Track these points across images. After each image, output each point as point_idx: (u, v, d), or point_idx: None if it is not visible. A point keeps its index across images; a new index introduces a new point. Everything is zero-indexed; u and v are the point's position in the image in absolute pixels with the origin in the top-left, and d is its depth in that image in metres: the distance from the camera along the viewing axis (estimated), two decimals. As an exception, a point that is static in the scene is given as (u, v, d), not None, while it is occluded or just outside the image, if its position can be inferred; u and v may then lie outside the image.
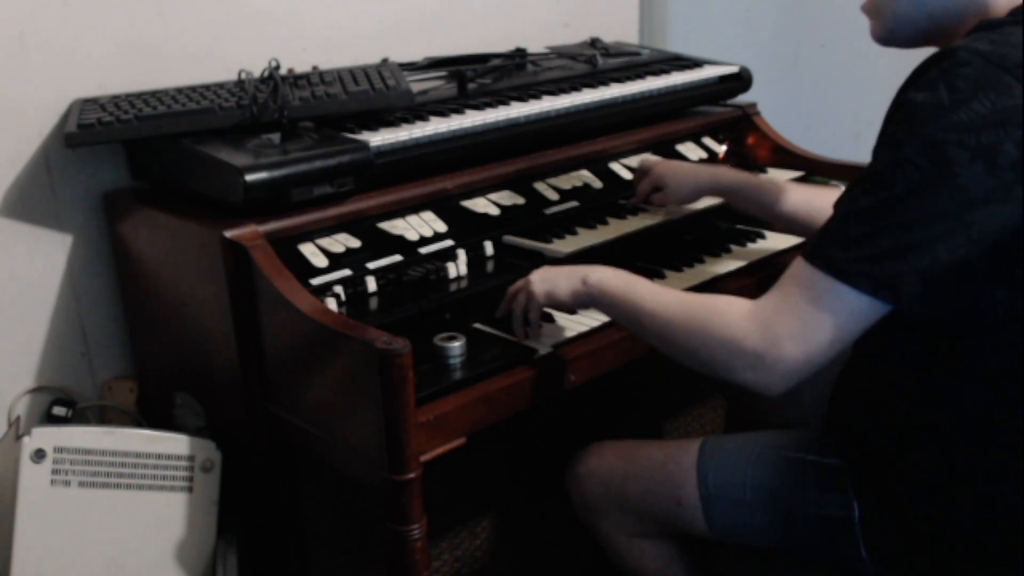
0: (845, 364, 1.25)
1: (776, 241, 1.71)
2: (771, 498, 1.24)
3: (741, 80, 2.04)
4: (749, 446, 1.30)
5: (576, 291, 1.26)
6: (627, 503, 1.37)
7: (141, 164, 1.54)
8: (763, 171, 1.95)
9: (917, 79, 1.00)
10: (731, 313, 1.06)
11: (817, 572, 1.26)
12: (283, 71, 1.52)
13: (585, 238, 1.57)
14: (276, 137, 1.41)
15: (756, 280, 1.64)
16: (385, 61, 1.75)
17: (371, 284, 1.37)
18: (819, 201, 1.47)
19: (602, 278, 1.25)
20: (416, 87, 1.63)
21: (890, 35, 1.15)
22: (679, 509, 1.31)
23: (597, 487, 1.40)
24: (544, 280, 1.29)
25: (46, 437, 1.37)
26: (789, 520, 1.23)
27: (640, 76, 1.92)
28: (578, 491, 1.44)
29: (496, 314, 1.36)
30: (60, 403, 1.57)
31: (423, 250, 1.45)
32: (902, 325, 1.02)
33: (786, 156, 1.98)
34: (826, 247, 1.01)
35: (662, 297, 1.16)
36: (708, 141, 1.95)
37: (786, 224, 1.54)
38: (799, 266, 1.03)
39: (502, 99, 1.69)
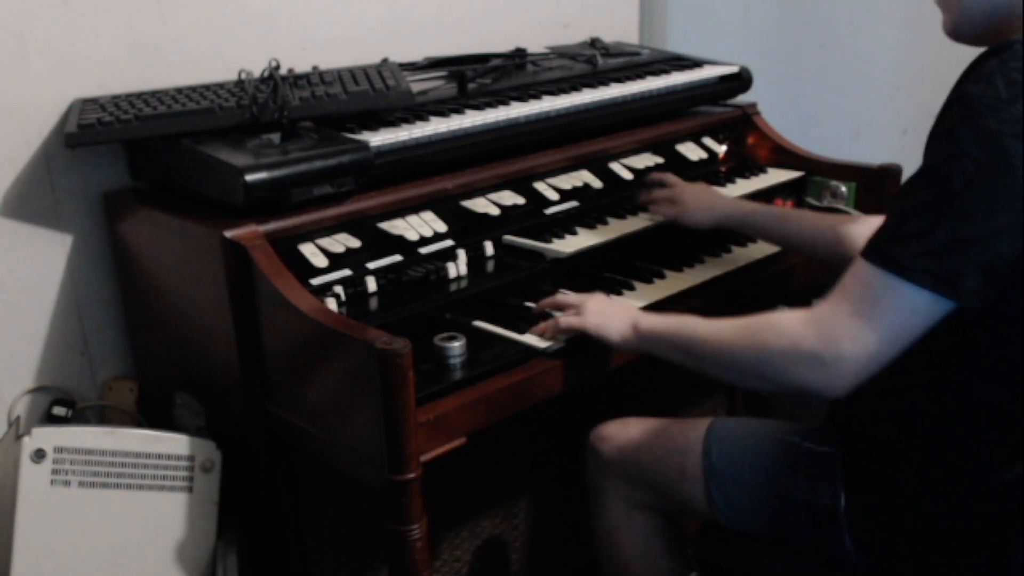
0: None
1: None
2: (766, 480, 1.26)
3: (741, 80, 2.04)
4: (754, 428, 1.33)
5: (626, 337, 1.28)
6: (636, 470, 1.40)
7: (141, 164, 1.54)
8: (763, 171, 1.95)
9: (974, 72, 1.00)
10: (787, 321, 1.06)
11: (803, 562, 1.27)
12: (283, 71, 1.52)
13: (585, 238, 1.57)
14: (276, 137, 1.41)
15: (756, 281, 1.64)
16: (385, 61, 1.75)
17: (371, 284, 1.37)
18: (834, 228, 1.46)
19: (652, 321, 1.27)
20: (416, 87, 1.63)
21: (957, 28, 1.13)
22: (682, 480, 1.33)
23: (613, 452, 1.43)
24: (599, 315, 1.30)
25: (46, 437, 1.37)
26: (779, 503, 1.25)
27: (640, 76, 1.92)
28: (594, 452, 1.47)
29: (536, 307, 1.38)
30: (60, 403, 1.57)
31: (423, 250, 1.45)
32: None
33: (786, 156, 1.98)
34: (885, 244, 1.00)
35: (714, 323, 1.17)
36: (708, 141, 1.96)
37: (803, 250, 1.52)
38: (858, 265, 1.02)
39: (502, 99, 1.69)
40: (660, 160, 1.83)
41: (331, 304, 1.30)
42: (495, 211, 1.53)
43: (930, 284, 0.96)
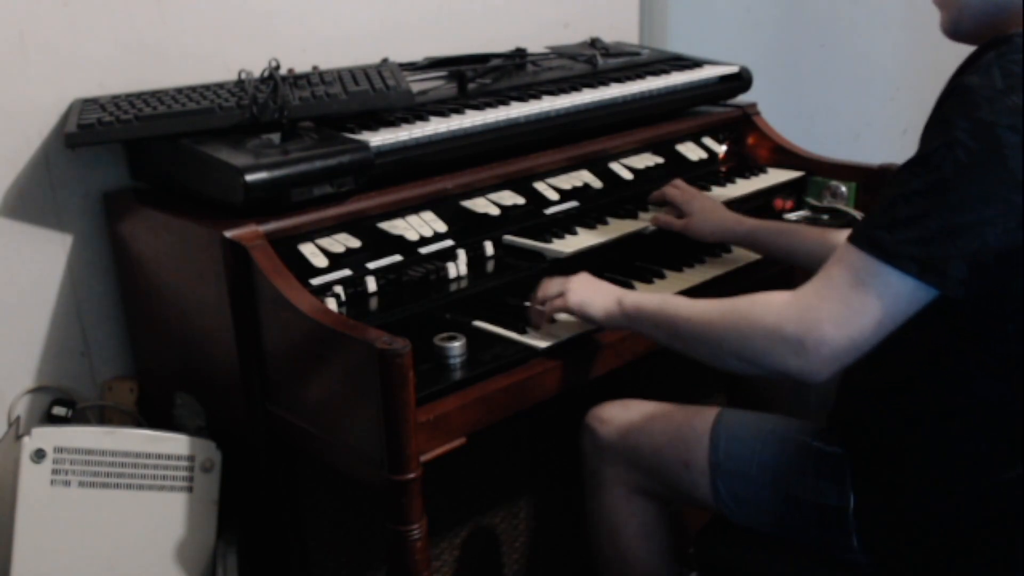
0: None
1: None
2: (774, 478, 1.26)
3: (741, 80, 2.04)
4: (763, 424, 1.32)
5: (610, 312, 1.28)
6: (638, 456, 1.38)
7: (141, 164, 1.54)
8: (763, 171, 1.95)
9: (972, 63, 1.00)
10: (770, 303, 1.06)
11: (808, 562, 1.27)
12: (283, 71, 1.52)
13: (585, 238, 1.57)
14: (276, 137, 1.41)
15: (755, 280, 1.64)
16: (385, 61, 1.75)
17: (371, 284, 1.37)
18: (836, 242, 1.44)
19: (638, 298, 1.27)
20: (416, 87, 1.63)
21: (955, 27, 1.13)
22: (686, 471, 1.32)
23: (613, 435, 1.41)
24: (582, 291, 1.31)
25: (46, 437, 1.37)
26: (787, 502, 1.24)
27: (640, 76, 1.92)
28: (592, 434, 1.44)
29: (528, 305, 1.38)
30: (60, 403, 1.57)
31: (423, 250, 1.45)
32: (925, 310, 1.02)
33: (786, 156, 1.98)
34: (872, 229, 1.00)
35: (698, 303, 1.17)
36: (708, 141, 1.96)
37: (805, 266, 1.49)
38: (843, 250, 1.02)
39: (502, 99, 1.69)
40: (660, 160, 1.83)
41: (331, 304, 1.30)
42: (495, 211, 1.53)
43: (915, 271, 0.96)
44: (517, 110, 1.63)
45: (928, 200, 0.96)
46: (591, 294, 1.30)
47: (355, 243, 1.38)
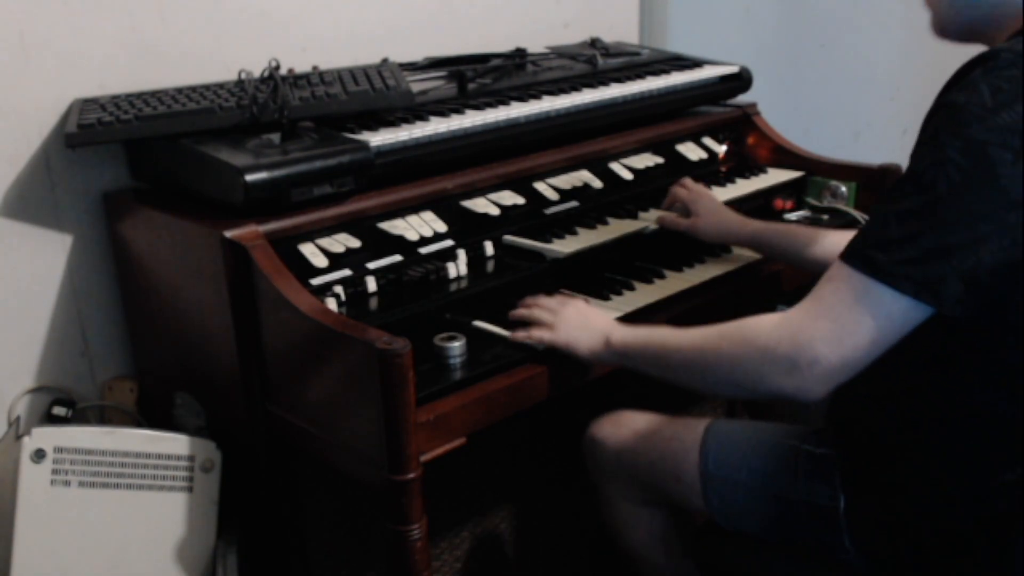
0: None
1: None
2: (764, 482, 1.26)
3: (741, 80, 2.04)
4: (752, 431, 1.33)
5: (596, 352, 1.28)
6: (634, 473, 1.41)
7: (141, 164, 1.54)
8: (763, 171, 1.95)
9: (959, 80, 1.00)
10: (760, 325, 1.06)
11: (803, 561, 1.27)
12: (283, 71, 1.52)
13: (585, 238, 1.57)
14: (276, 137, 1.41)
15: (755, 281, 1.64)
16: (385, 61, 1.75)
17: (371, 284, 1.37)
18: (839, 245, 1.43)
19: (624, 336, 1.26)
20: (416, 87, 1.63)
21: (942, 27, 1.13)
22: (678, 485, 1.33)
23: (609, 455, 1.43)
24: (570, 330, 1.30)
25: (46, 437, 1.37)
26: (779, 505, 1.25)
27: (640, 76, 1.92)
28: (591, 455, 1.48)
29: (511, 315, 1.37)
30: (60, 403, 1.57)
31: (423, 250, 1.45)
32: (925, 321, 1.01)
33: (786, 156, 1.98)
34: (866, 248, 0.99)
35: (686, 333, 1.17)
36: (708, 141, 1.96)
37: (809, 268, 1.50)
38: (836, 268, 1.02)
39: (502, 99, 1.69)
40: (660, 160, 1.83)
41: (331, 304, 1.30)
42: (495, 211, 1.53)
43: (911, 291, 0.96)
44: (517, 110, 1.63)
45: (921, 219, 0.96)
46: (579, 333, 1.29)
47: (355, 243, 1.38)
